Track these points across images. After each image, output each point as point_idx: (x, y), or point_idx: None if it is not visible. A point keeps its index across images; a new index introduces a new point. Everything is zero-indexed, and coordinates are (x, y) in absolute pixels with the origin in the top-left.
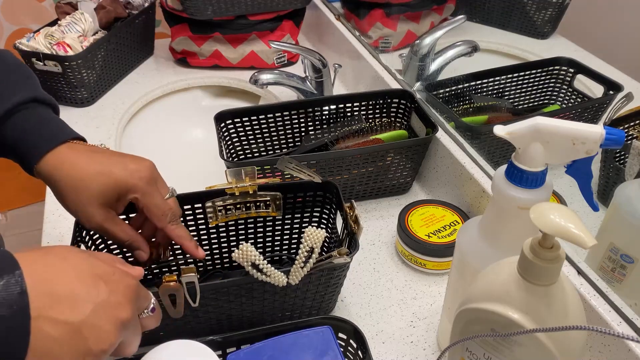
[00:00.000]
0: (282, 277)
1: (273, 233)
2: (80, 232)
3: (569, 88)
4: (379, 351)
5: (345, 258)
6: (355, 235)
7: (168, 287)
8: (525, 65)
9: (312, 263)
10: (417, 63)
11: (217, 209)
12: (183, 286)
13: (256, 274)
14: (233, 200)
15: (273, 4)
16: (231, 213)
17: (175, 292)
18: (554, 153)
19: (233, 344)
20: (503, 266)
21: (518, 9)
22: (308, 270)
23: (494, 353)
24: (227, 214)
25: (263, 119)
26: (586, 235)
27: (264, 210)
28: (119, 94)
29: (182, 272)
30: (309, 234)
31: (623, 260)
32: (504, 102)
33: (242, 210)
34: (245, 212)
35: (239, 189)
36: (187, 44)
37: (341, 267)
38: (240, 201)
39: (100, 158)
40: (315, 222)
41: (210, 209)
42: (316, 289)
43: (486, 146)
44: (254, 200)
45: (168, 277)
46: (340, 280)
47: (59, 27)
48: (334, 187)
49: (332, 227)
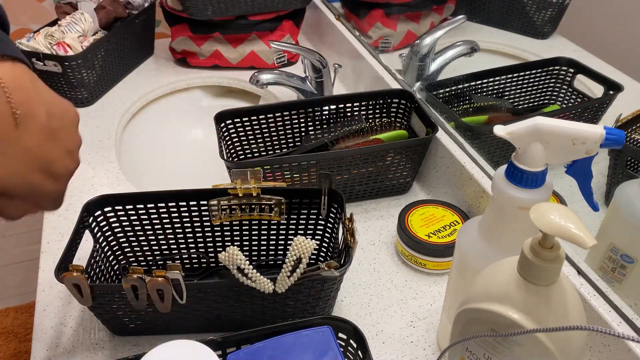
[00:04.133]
0: (269, 285)
1: (277, 236)
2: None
3: (569, 88)
4: (379, 351)
5: (334, 272)
6: (350, 249)
7: (156, 282)
8: (525, 65)
9: (300, 273)
10: (417, 63)
11: (222, 208)
12: (169, 283)
13: (242, 278)
14: (237, 201)
15: (273, 4)
16: (234, 214)
17: (163, 288)
18: (554, 153)
19: (233, 344)
20: (503, 266)
21: (518, 9)
22: (295, 280)
23: (494, 353)
24: (230, 214)
25: (263, 119)
26: (586, 235)
27: (267, 213)
28: (119, 94)
29: (168, 268)
30: (297, 243)
31: (623, 260)
32: (504, 102)
33: (245, 212)
34: (248, 214)
35: (242, 190)
36: (187, 44)
37: (331, 280)
38: (244, 202)
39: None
40: (320, 229)
41: (215, 207)
42: (306, 299)
43: (486, 146)
44: (258, 203)
45: (158, 272)
46: (332, 293)
47: (59, 27)
48: (339, 195)
49: (335, 236)
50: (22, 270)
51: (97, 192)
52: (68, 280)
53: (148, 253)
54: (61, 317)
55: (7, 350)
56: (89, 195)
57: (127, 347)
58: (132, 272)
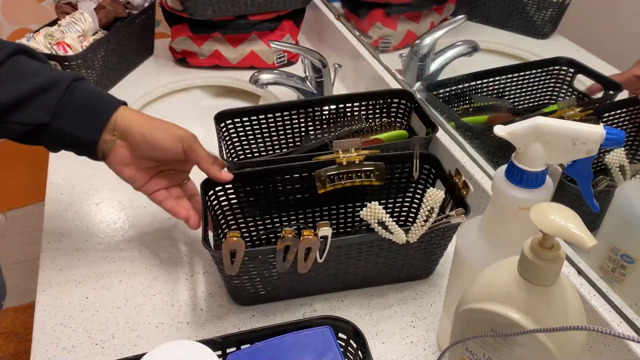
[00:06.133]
0: (403, 235)
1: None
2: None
3: (569, 88)
4: (379, 351)
5: (463, 218)
6: (465, 198)
7: (308, 241)
8: (525, 65)
9: (432, 222)
10: (417, 63)
11: (328, 177)
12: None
13: (381, 231)
14: (338, 170)
15: (273, 4)
16: (337, 182)
17: (312, 246)
18: (554, 153)
19: (233, 344)
20: (503, 266)
21: (518, 8)
22: (427, 229)
23: (494, 353)
24: (333, 182)
25: (263, 119)
26: (586, 235)
27: (367, 179)
28: (119, 93)
29: (318, 226)
30: (430, 194)
31: (623, 260)
32: (504, 102)
33: (347, 180)
34: (350, 181)
35: (346, 159)
36: (187, 44)
37: (454, 228)
38: (344, 171)
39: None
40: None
41: (321, 177)
42: (427, 248)
43: (486, 146)
44: (358, 170)
45: (307, 232)
46: (448, 242)
47: (59, 27)
48: (432, 157)
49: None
50: (22, 270)
51: (97, 192)
52: (227, 245)
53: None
54: (61, 317)
55: (7, 350)
56: (89, 195)
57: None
58: (285, 233)
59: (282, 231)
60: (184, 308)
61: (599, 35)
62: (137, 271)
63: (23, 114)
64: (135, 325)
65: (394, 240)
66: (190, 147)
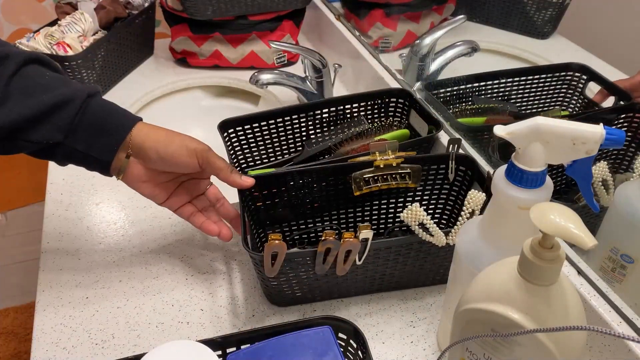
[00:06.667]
0: (443, 237)
1: (404, 202)
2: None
3: (580, 95)
4: (379, 351)
5: None
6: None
7: (349, 243)
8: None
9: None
10: (417, 63)
11: (364, 179)
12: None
13: (422, 233)
14: (374, 172)
15: (273, 4)
16: (373, 184)
17: (352, 248)
18: (554, 153)
19: (233, 344)
20: (503, 266)
21: (518, 9)
22: None
23: (494, 353)
24: (369, 185)
25: (265, 125)
26: (586, 235)
27: (403, 181)
28: (119, 94)
29: (359, 229)
30: (471, 196)
31: (623, 260)
32: (507, 105)
33: (382, 182)
34: (386, 183)
35: (384, 162)
36: (187, 44)
37: None
38: (380, 173)
39: (172, 135)
40: (444, 193)
41: (357, 180)
42: None
43: (485, 146)
44: (394, 172)
45: (347, 234)
46: None
47: (59, 27)
48: (468, 159)
49: (461, 198)
50: (22, 270)
51: (97, 192)
52: (270, 248)
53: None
54: (61, 317)
55: (7, 350)
56: (89, 194)
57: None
58: (326, 235)
59: (323, 233)
60: (184, 308)
61: (599, 36)
62: (137, 271)
63: (36, 132)
64: (135, 325)
65: (433, 243)
66: (206, 160)
